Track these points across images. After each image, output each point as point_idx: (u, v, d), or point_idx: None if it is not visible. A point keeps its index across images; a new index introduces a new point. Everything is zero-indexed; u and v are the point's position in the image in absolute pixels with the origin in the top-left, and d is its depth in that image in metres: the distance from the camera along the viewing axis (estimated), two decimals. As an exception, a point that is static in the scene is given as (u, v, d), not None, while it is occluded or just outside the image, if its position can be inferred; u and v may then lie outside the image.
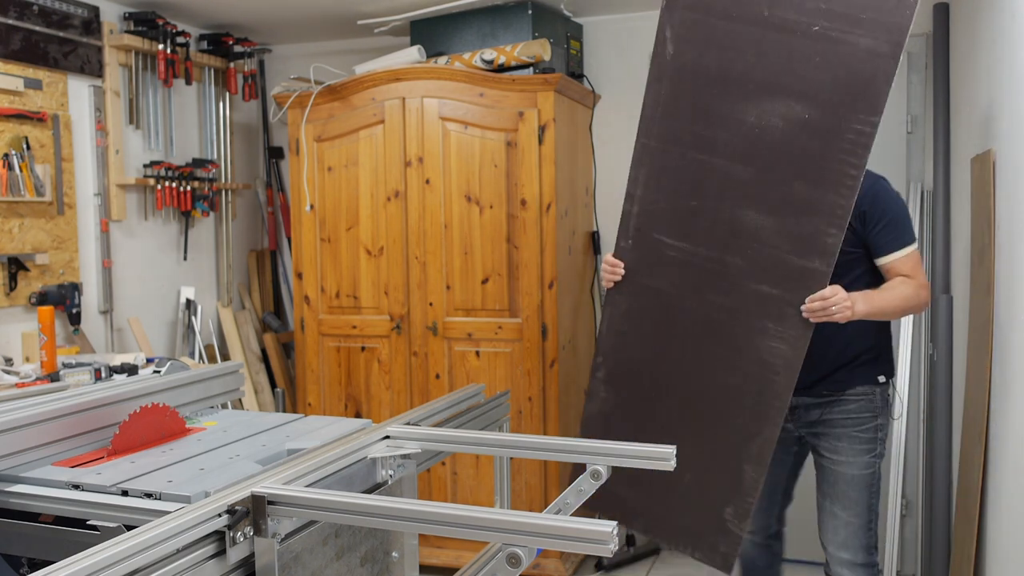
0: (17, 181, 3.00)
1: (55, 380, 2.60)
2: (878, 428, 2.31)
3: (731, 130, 2.14)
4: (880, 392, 2.31)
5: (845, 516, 2.32)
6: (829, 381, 2.29)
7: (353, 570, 1.69)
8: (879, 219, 2.21)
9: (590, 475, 1.74)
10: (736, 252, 2.15)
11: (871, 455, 2.30)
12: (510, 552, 1.27)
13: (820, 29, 2.01)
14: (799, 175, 2.06)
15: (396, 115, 3.39)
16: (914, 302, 2.22)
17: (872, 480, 2.32)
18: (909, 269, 2.23)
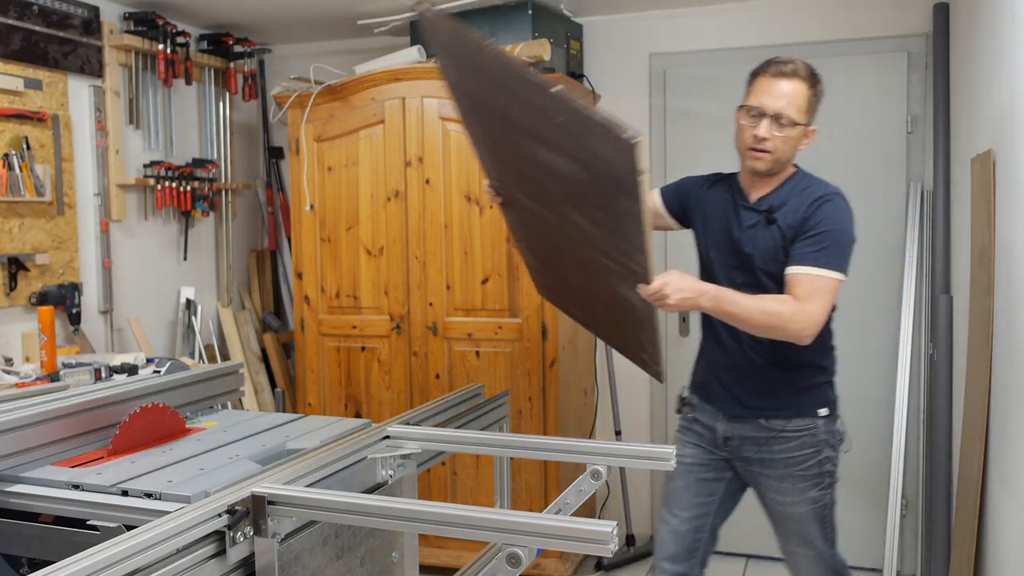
0: (17, 181, 3.00)
1: (55, 380, 2.60)
2: (821, 463, 2.14)
3: (523, 157, 1.94)
4: (823, 426, 2.13)
5: (803, 551, 2.22)
6: (769, 410, 2.14)
7: (353, 570, 1.69)
8: (810, 229, 2.02)
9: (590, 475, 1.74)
10: (578, 238, 2.02)
11: (818, 488, 2.15)
12: (510, 552, 1.27)
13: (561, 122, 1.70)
14: (594, 209, 1.85)
15: (396, 115, 3.39)
16: (780, 324, 1.95)
17: (822, 512, 2.18)
18: (805, 291, 1.97)
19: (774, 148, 2.05)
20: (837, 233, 2.02)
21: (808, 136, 2.11)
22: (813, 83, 2.06)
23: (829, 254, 2.00)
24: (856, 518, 3.51)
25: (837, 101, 3.45)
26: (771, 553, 3.65)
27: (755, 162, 2.08)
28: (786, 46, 3.49)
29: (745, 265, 2.12)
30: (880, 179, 3.41)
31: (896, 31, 3.36)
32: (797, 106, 2.03)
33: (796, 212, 2.05)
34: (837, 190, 2.09)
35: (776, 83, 2.04)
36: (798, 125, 2.04)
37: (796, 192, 2.09)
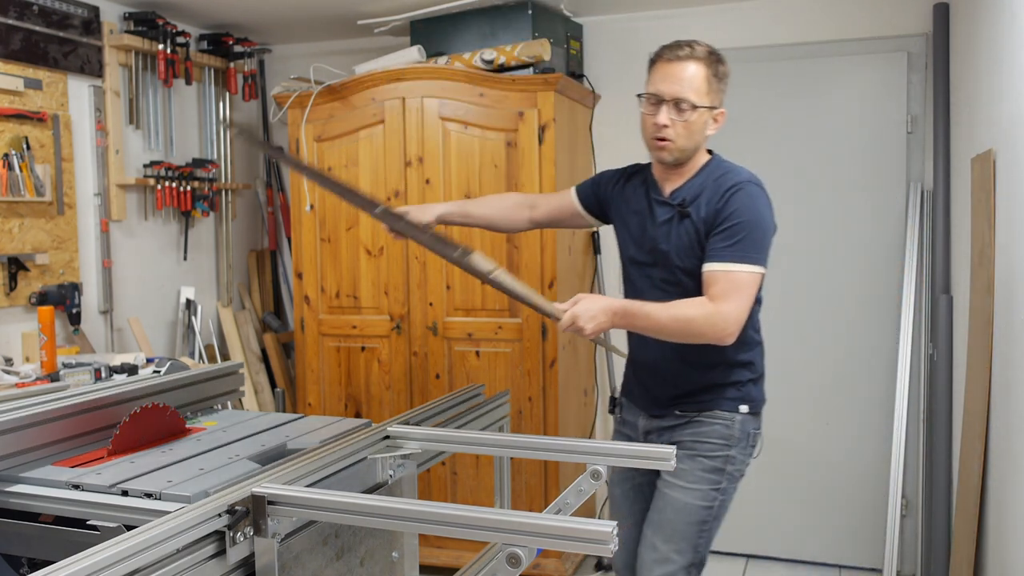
0: (17, 181, 3.00)
1: (55, 380, 2.60)
2: (728, 460, 2.02)
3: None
4: (740, 422, 2.03)
5: (664, 550, 2.01)
6: (687, 402, 2.05)
7: (353, 570, 1.69)
8: (723, 222, 1.92)
9: (590, 475, 1.74)
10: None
11: (713, 487, 2.01)
12: (510, 552, 1.27)
13: None
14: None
15: (396, 115, 3.39)
16: (696, 330, 1.87)
17: (707, 517, 2.01)
18: (720, 290, 1.87)
19: (676, 136, 1.95)
20: (751, 224, 1.90)
21: (717, 120, 2.01)
22: (713, 63, 1.96)
23: (744, 247, 1.88)
24: (856, 518, 3.51)
25: (837, 101, 3.46)
26: (771, 553, 3.66)
27: (660, 152, 1.99)
28: (786, 46, 3.50)
29: (662, 262, 2.03)
30: (880, 179, 3.41)
31: (896, 31, 3.36)
32: (696, 89, 1.93)
33: (709, 204, 1.95)
34: (751, 177, 2.00)
35: (672, 67, 1.94)
36: (699, 108, 1.94)
37: (710, 182, 1.99)
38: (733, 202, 1.92)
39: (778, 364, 3.57)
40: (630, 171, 2.20)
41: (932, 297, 3.25)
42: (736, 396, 2.04)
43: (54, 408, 1.88)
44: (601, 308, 1.87)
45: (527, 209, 2.33)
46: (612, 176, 2.23)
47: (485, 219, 2.33)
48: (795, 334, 3.54)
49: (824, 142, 3.47)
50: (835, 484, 3.53)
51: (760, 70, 3.53)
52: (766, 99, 3.53)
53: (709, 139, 2.05)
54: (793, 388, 3.56)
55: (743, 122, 3.56)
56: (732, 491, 2.05)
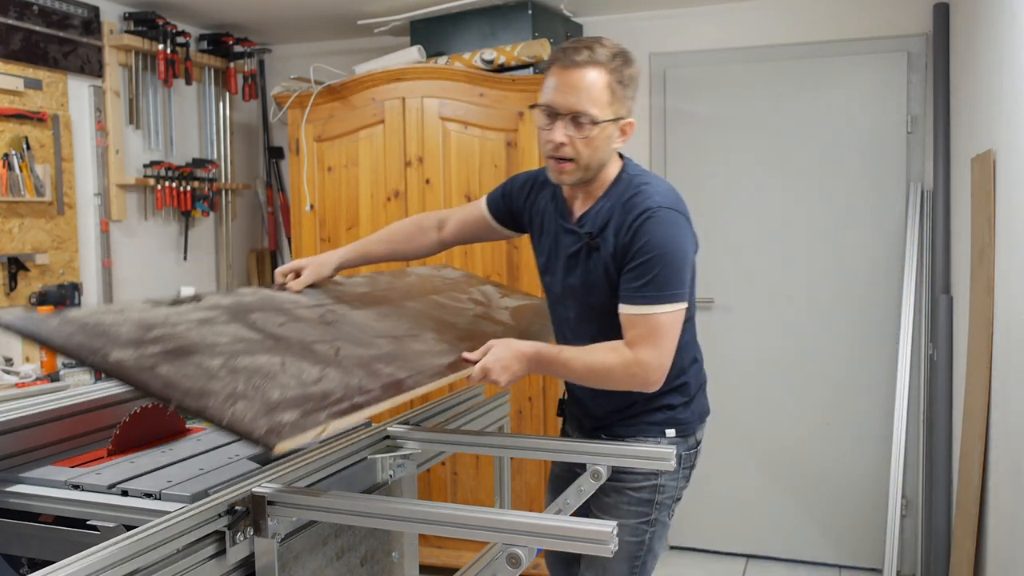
0: (17, 181, 3.00)
1: (55, 380, 2.60)
2: (656, 489, 1.84)
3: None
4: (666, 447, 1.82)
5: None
6: (610, 429, 1.89)
7: (353, 570, 1.69)
8: (633, 257, 1.69)
9: (590, 475, 1.74)
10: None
11: (642, 521, 1.84)
12: (510, 552, 1.27)
13: None
14: None
15: (396, 115, 3.39)
16: (616, 379, 1.70)
17: (638, 552, 1.85)
18: (638, 335, 1.67)
19: (577, 154, 1.71)
20: (664, 257, 1.67)
21: (625, 131, 1.76)
22: (617, 67, 1.70)
23: (659, 285, 1.67)
24: (856, 518, 3.51)
25: (837, 101, 3.46)
26: (771, 553, 3.66)
27: (559, 175, 1.75)
28: (786, 46, 3.50)
29: (573, 297, 1.85)
30: (880, 179, 3.41)
31: (896, 31, 3.36)
32: (596, 100, 1.67)
33: (618, 235, 1.72)
34: (663, 199, 1.73)
35: (568, 75, 1.68)
36: (602, 123, 1.69)
37: (619, 204, 1.75)
38: (643, 233, 1.68)
39: (778, 364, 3.58)
40: (541, 179, 1.95)
41: (932, 297, 3.25)
42: (661, 420, 1.86)
43: (54, 408, 1.88)
44: (514, 355, 1.69)
45: (434, 231, 2.11)
46: (522, 183, 2.00)
47: (388, 253, 2.12)
48: (795, 334, 3.54)
49: (824, 142, 3.47)
50: (835, 484, 3.53)
51: (760, 70, 3.53)
52: (766, 99, 3.53)
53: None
54: (793, 388, 3.56)
55: (743, 122, 3.56)
56: (666, 519, 1.90)
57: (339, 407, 1.28)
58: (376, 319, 1.78)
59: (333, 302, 1.82)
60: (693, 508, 3.71)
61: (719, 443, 3.67)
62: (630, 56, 1.74)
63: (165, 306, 1.51)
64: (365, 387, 1.38)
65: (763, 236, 3.57)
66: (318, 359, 1.44)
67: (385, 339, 1.67)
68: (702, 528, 3.73)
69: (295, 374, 1.35)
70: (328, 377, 1.37)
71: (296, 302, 1.75)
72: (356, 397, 1.33)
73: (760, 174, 3.56)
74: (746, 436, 3.64)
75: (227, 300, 1.64)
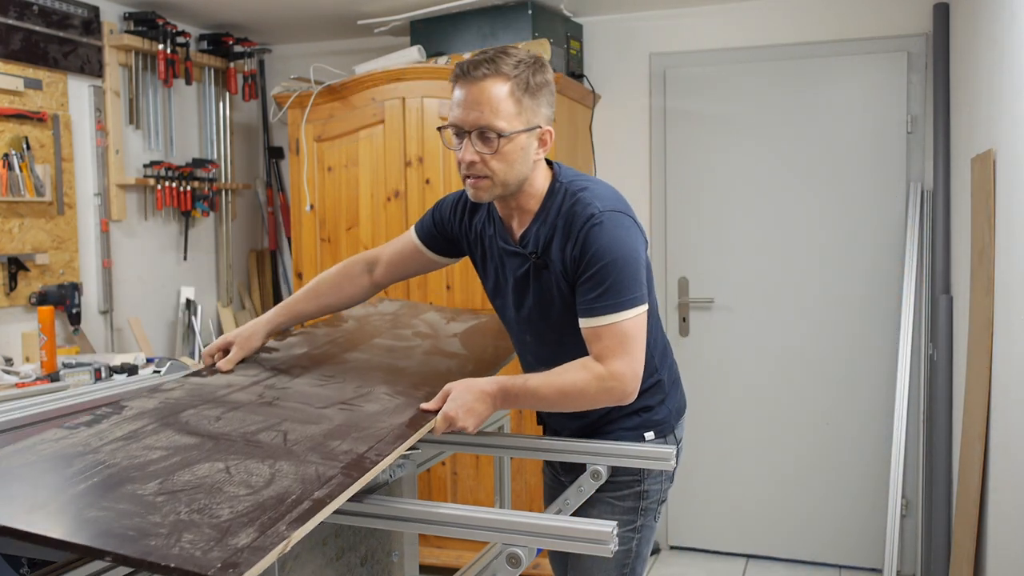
0: (17, 181, 3.00)
1: (55, 380, 2.60)
2: (640, 496, 1.79)
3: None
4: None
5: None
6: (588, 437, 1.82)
7: (353, 570, 1.69)
8: (586, 269, 1.61)
9: (590, 475, 1.74)
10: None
11: (628, 528, 1.79)
12: (510, 552, 1.27)
13: None
14: None
15: (396, 115, 3.39)
16: (591, 398, 1.61)
17: (626, 559, 1.80)
18: (604, 347, 1.60)
19: (492, 171, 1.61)
20: (616, 263, 1.59)
21: (545, 141, 1.67)
22: (519, 75, 1.60)
23: (616, 292, 1.59)
24: (856, 518, 3.51)
25: (837, 101, 3.46)
26: (771, 553, 3.66)
27: (477, 192, 1.65)
28: (786, 46, 3.50)
29: (528, 319, 1.78)
30: (880, 179, 3.41)
31: (896, 31, 3.36)
32: (501, 112, 1.58)
33: (565, 248, 1.65)
34: (603, 205, 1.64)
35: (469, 90, 1.59)
36: (512, 136, 1.60)
37: (561, 216, 1.66)
38: (591, 242, 1.60)
39: (778, 364, 3.58)
40: (467, 203, 1.85)
41: (932, 297, 3.25)
42: (637, 424, 1.80)
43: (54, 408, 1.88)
44: (476, 397, 1.58)
45: (364, 275, 1.98)
46: (451, 206, 1.88)
47: (319, 308, 1.97)
48: (795, 334, 3.55)
49: (824, 142, 3.47)
50: (835, 484, 3.53)
51: (760, 70, 3.53)
52: (766, 99, 3.53)
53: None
54: (793, 388, 3.56)
55: (743, 122, 3.56)
56: (652, 522, 1.84)
57: (300, 509, 1.10)
58: (320, 384, 1.65)
59: (270, 375, 1.67)
60: (693, 508, 3.71)
61: (719, 443, 3.68)
62: (540, 62, 1.64)
63: (84, 428, 1.36)
64: (325, 475, 1.21)
65: (763, 236, 3.57)
66: (266, 453, 1.29)
67: (334, 407, 1.52)
68: (702, 528, 3.73)
69: (243, 479, 1.19)
70: (281, 473, 1.22)
71: (230, 385, 1.59)
72: (316, 492, 1.16)
73: (760, 174, 3.56)
74: (746, 436, 3.64)
75: (152, 403, 1.49)
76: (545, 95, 1.65)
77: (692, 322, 3.68)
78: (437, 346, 2.02)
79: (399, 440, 1.39)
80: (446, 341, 2.07)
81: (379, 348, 1.96)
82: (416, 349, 1.98)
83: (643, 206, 3.71)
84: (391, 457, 1.33)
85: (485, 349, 2.01)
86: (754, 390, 3.61)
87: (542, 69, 1.64)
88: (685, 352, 3.67)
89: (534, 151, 1.65)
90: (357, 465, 1.27)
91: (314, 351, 1.89)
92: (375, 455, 1.31)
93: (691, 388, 3.72)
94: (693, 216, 3.66)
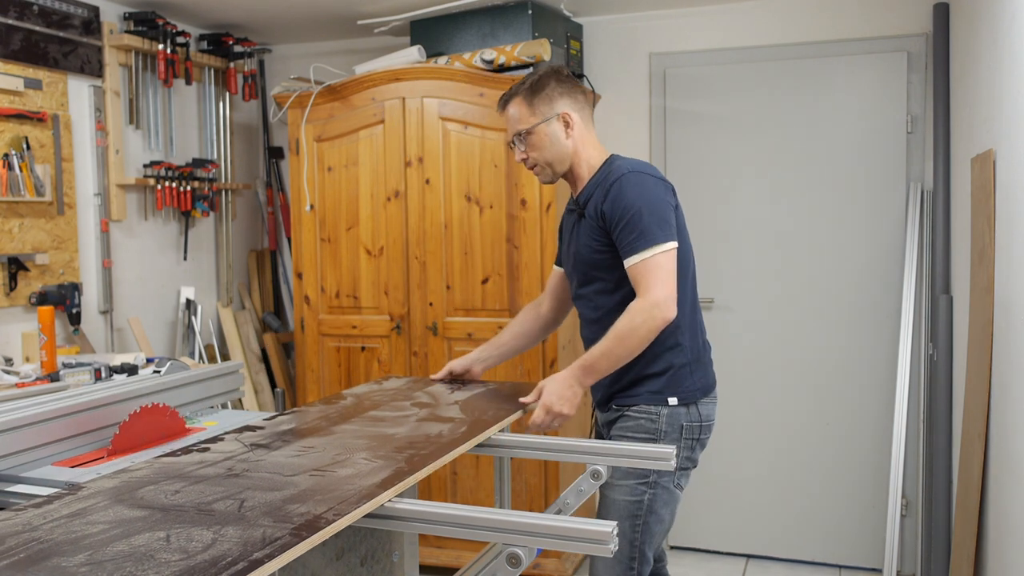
0: (17, 181, 2.99)
1: (55, 380, 2.60)
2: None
3: None
4: (668, 416, 2.03)
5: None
6: (619, 396, 2.09)
7: (353, 570, 1.69)
8: (619, 219, 1.99)
9: (590, 475, 1.74)
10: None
11: (640, 482, 2.00)
12: (510, 552, 1.27)
13: None
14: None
15: (396, 115, 3.39)
16: (642, 332, 1.92)
17: (636, 512, 2.00)
18: (643, 280, 1.94)
19: (537, 159, 2.13)
20: (642, 208, 1.97)
21: (568, 123, 2.12)
22: (523, 90, 2.12)
23: (647, 233, 1.95)
24: (856, 518, 3.51)
25: (837, 101, 3.46)
26: (771, 553, 3.66)
27: (540, 176, 2.18)
28: (786, 46, 3.50)
29: (573, 262, 2.17)
30: (880, 179, 3.41)
31: (896, 31, 3.36)
32: (520, 119, 2.12)
33: (597, 201, 2.05)
34: (630, 167, 2.05)
35: (504, 117, 2.18)
36: (533, 130, 2.10)
37: (600, 181, 2.10)
38: (620, 197, 1.99)
39: (778, 364, 3.58)
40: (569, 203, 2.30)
41: (932, 297, 3.25)
42: (660, 388, 2.03)
43: (54, 408, 1.88)
44: (565, 383, 1.94)
45: (537, 315, 2.40)
46: (561, 223, 2.33)
47: (513, 341, 2.40)
48: (795, 334, 3.55)
49: (824, 142, 3.47)
50: (835, 484, 3.53)
51: (760, 70, 3.53)
52: (766, 99, 3.53)
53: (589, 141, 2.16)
54: (793, 388, 3.56)
55: (743, 122, 3.57)
56: (670, 485, 2.03)
57: (232, 571, 1.07)
58: (297, 455, 1.63)
59: (247, 451, 1.67)
60: (693, 508, 3.71)
61: (719, 443, 3.68)
62: (537, 73, 2.14)
63: (32, 509, 1.34)
64: (271, 537, 1.18)
65: (763, 236, 3.57)
66: (215, 520, 1.26)
67: (305, 475, 1.50)
68: (702, 528, 3.73)
69: (181, 546, 1.16)
70: (224, 537, 1.19)
71: (201, 462, 1.59)
72: (256, 553, 1.13)
73: (760, 174, 3.56)
74: (746, 436, 3.64)
75: (113, 483, 1.47)
76: (547, 91, 2.11)
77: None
78: (435, 413, 1.99)
79: (364, 499, 1.35)
80: (446, 408, 2.04)
81: (371, 419, 1.95)
82: (411, 417, 1.95)
83: (643, 206, 3.71)
84: (350, 517, 1.28)
85: (485, 412, 1.99)
86: (754, 390, 3.61)
87: (539, 77, 2.12)
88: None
89: (563, 133, 2.11)
90: (310, 526, 1.23)
91: (301, 426, 1.88)
92: (333, 515, 1.27)
93: (691, 388, 3.72)
94: (693, 216, 3.64)
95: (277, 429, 1.85)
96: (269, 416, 1.97)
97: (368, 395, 2.23)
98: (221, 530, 1.21)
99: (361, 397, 2.20)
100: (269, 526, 1.22)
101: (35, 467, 1.77)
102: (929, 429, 3.27)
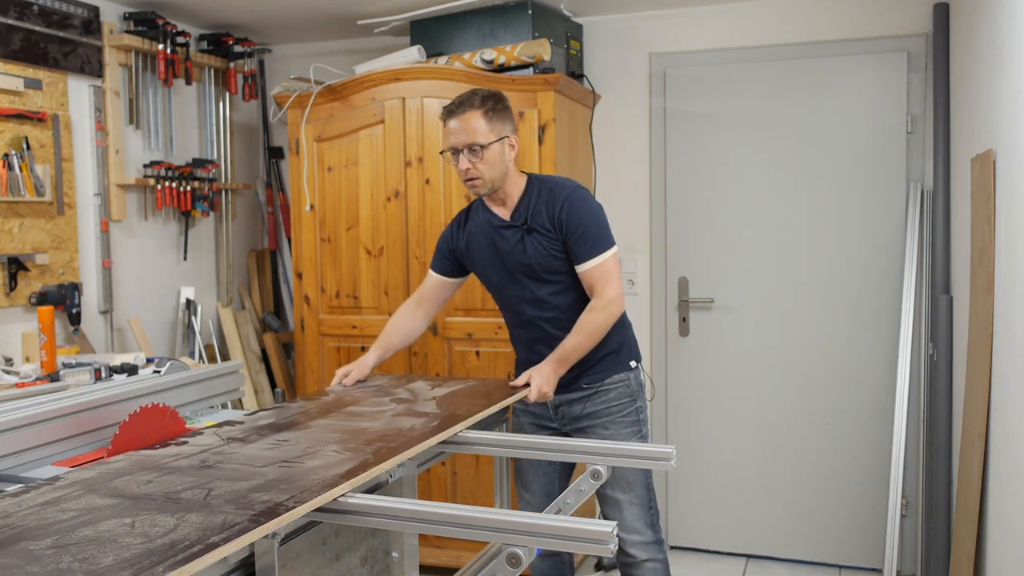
0: (17, 181, 2.99)
1: (55, 380, 2.60)
2: (639, 411, 2.44)
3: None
4: (634, 377, 2.44)
5: (626, 499, 2.39)
6: (587, 374, 2.39)
7: (353, 570, 1.69)
8: (574, 229, 2.28)
9: (590, 475, 1.74)
10: None
11: (638, 436, 2.42)
12: (510, 552, 1.27)
13: None
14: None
15: (396, 115, 3.39)
16: (603, 324, 2.30)
17: (641, 429, 2.45)
18: (597, 278, 2.30)
19: (481, 173, 2.28)
20: (593, 219, 2.30)
21: (514, 145, 2.33)
22: (487, 103, 2.27)
23: (596, 241, 2.29)
24: (856, 518, 3.51)
25: (837, 101, 3.46)
26: (771, 553, 3.66)
27: (474, 189, 2.33)
28: (785, 46, 3.50)
29: (526, 273, 2.37)
30: (880, 179, 3.41)
31: (896, 31, 3.36)
32: (477, 131, 2.25)
33: (550, 213, 2.31)
34: (574, 184, 2.36)
35: (451, 124, 2.27)
36: (489, 145, 2.26)
37: (542, 197, 2.33)
38: (573, 211, 2.29)
39: (778, 364, 3.58)
40: (461, 218, 2.52)
41: (932, 297, 3.25)
42: (623, 357, 2.43)
43: (54, 408, 1.88)
44: (550, 370, 2.30)
45: (420, 313, 2.58)
46: (451, 232, 2.53)
47: (401, 343, 2.57)
48: (795, 334, 3.55)
49: (824, 142, 3.47)
50: (835, 484, 3.53)
51: (760, 70, 3.53)
52: (766, 99, 3.53)
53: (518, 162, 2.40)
54: (793, 388, 3.56)
55: (743, 122, 3.57)
56: (648, 430, 2.49)
57: (187, 553, 1.11)
58: (270, 448, 1.68)
59: (223, 444, 1.71)
60: (693, 508, 3.72)
61: (719, 443, 3.68)
62: (498, 95, 2.32)
63: (9, 498, 1.38)
64: (230, 523, 1.23)
65: (763, 236, 3.57)
66: (180, 507, 1.31)
67: (275, 466, 1.55)
68: (702, 528, 3.73)
69: (144, 531, 1.20)
70: (186, 523, 1.24)
71: (177, 454, 1.64)
72: (214, 537, 1.17)
73: (760, 174, 3.56)
74: (746, 436, 3.64)
75: (89, 474, 1.51)
76: (506, 115, 2.32)
77: (692, 322, 3.68)
78: (411, 408, 2.05)
79: (325, 488, 1.39)
80: (423, 404, 2.11)
81: (348, 414, 1.99)
82: (386, 412, 2.00)
83: (643, 206, 3.71)
84: (308, 505, 1.32)
85: (458, 407, 2.06)
86: (754, 390, 3.61)
87: (501, 100, 2.32)
88: (685, 352, 3.67)
89: (508, 154, 2.33)
90: (270, 512, 1.27)
91: (279, 421, 1.92)
92: (293, 503, 1.32)
93: (691, 388, 3.73)
94: (693, 216, 3.66)
95: (255, 424, 1.89)
96: (251, 412, 2.00)
97: (349, 392, 2.31)
98: (184, 516, 1.26)
99: (341, 394, 2.27)
100: (231, 513, 1.27)
101: (35, 467, 1.77)
102: (929, 429, 3.27)
